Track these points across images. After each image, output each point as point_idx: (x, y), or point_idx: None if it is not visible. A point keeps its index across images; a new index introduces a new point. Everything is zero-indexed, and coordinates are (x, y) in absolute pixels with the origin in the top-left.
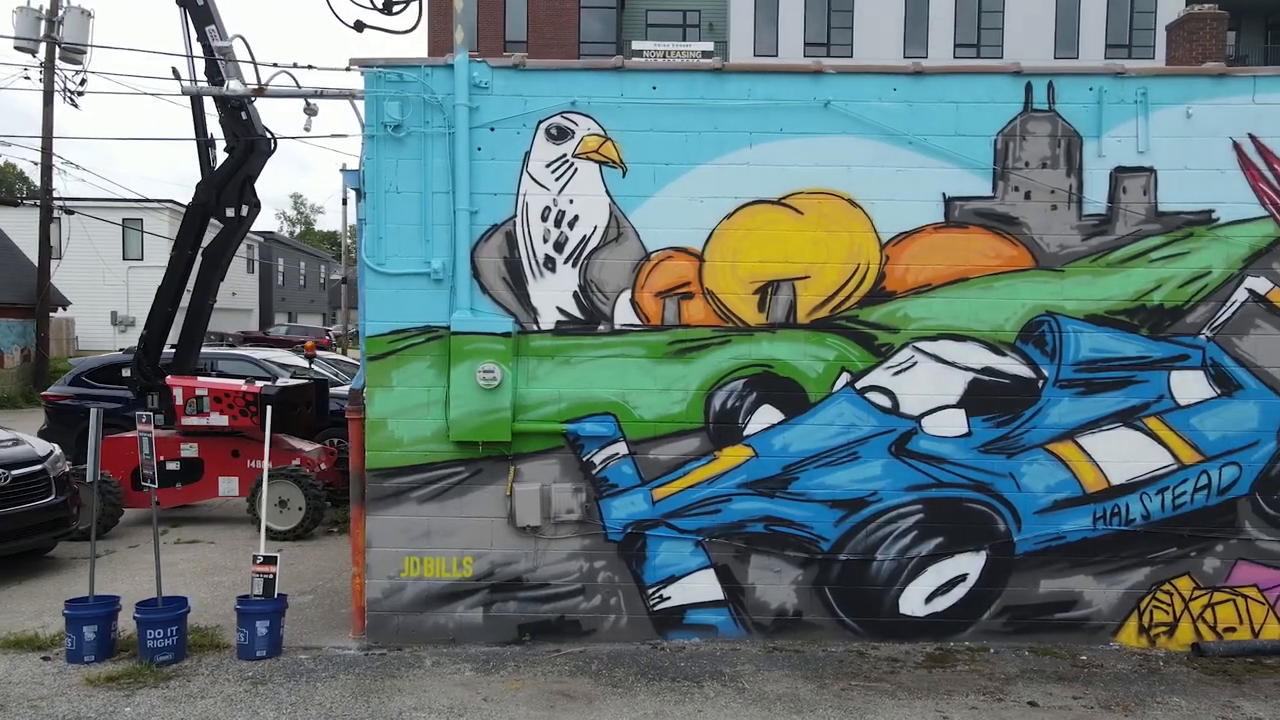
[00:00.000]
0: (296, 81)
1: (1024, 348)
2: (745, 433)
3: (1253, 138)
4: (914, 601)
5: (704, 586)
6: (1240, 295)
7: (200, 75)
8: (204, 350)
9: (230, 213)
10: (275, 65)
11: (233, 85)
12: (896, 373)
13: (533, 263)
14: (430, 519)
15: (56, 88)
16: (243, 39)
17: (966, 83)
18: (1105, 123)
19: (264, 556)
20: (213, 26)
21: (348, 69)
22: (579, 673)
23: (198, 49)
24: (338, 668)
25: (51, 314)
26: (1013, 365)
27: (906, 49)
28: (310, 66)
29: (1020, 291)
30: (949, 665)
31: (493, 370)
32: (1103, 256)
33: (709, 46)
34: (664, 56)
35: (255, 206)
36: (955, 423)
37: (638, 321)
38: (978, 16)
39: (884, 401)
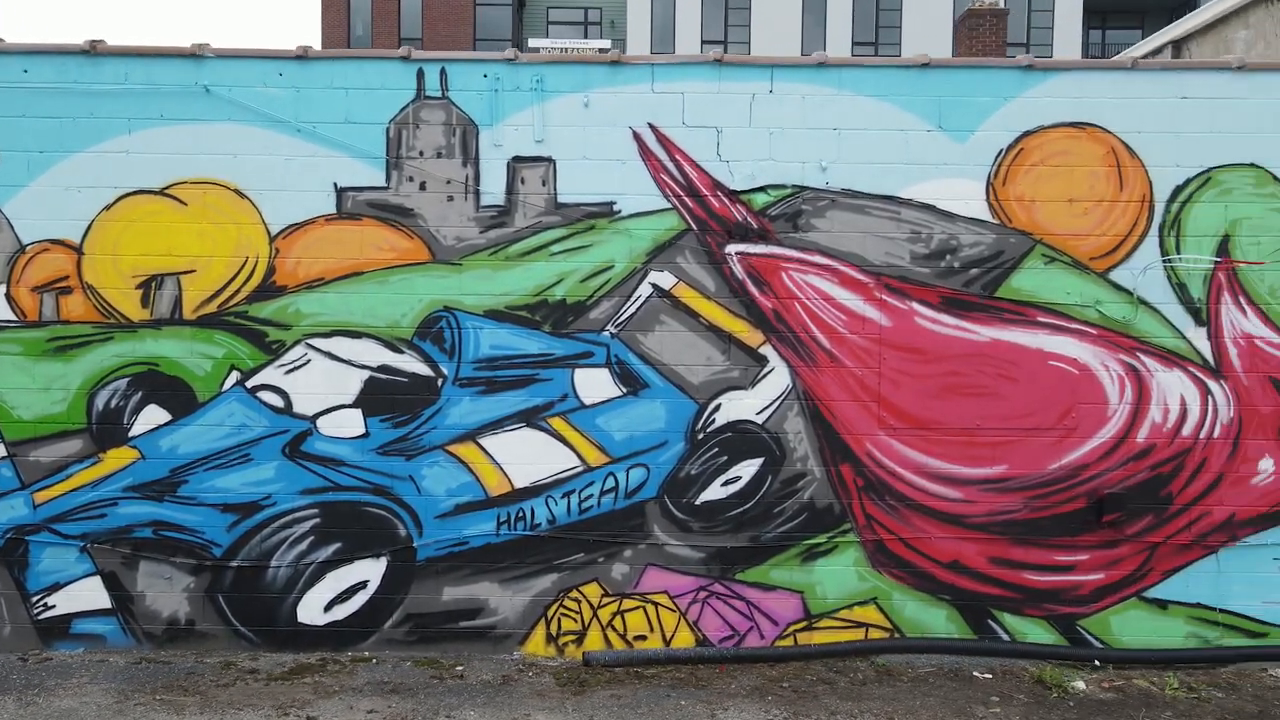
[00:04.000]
0: None
1: (422, 345)
2: (131, 434)
3: (653, 128)
4: (313, 610)
5: (91, 594)
6: (644, 290)
7: None
8: None
9: None
10: None
11: None
12: (289, 371)
13: None
14: None
15: None
16: None
17: (356, 68)
18: (502, 111)
19: None
20: None
21: None
22: None
23: None
24: None
25: None
26: (411, 363)
27: (804, 47)
28: None
29: (417, 286)
30: (302, 676)
31: None
32: (502, 249)
33: (607, 44)
34: (562, 53)
35: None
36: (352, 423)
37: (14, 318)
38: (875, 15)
39: (276, 401)
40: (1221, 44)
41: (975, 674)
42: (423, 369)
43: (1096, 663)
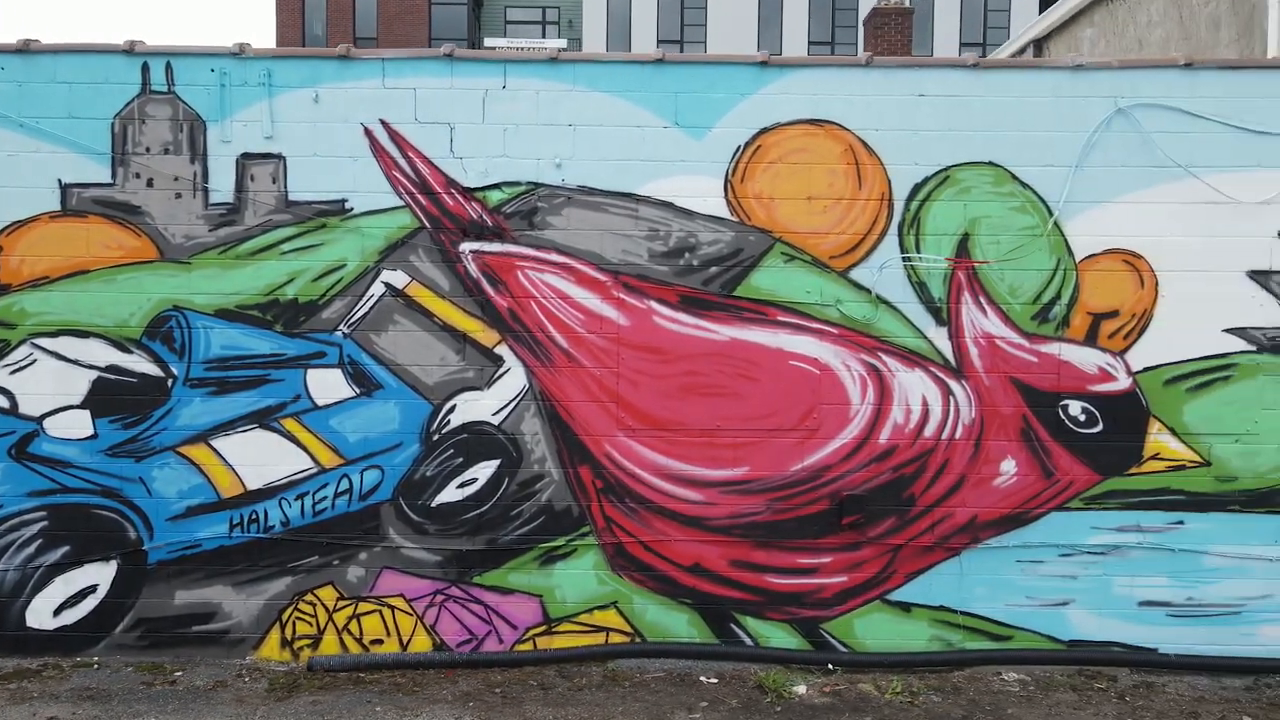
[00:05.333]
0: None
1: (151, 344)
2: None
3: (385, 124)
4: (43, 614)
5: None
6: (377, 289)
7: None
8: None
9: None
10: None
11: None
12: (15, 371)
13: None
14: None
15: None
16: None
17: (79, 62)
18: (230, 106)
19: None
20: None
21: None
22: None
23: None
24: None
25: None
26: (140, 363)
27: (760, 46)
28: None
29: (145, 285)
30: (9, 682)
31: None
32: (232, 248)
33: (564, 44)
34: (519, 52)
35: None
36: (80, 424)
37: None
38: (831, 13)
39: (3, 402)
40: (1072, 42)
41: (702, 679)
42: (152, 369)
43: (830, 666)
